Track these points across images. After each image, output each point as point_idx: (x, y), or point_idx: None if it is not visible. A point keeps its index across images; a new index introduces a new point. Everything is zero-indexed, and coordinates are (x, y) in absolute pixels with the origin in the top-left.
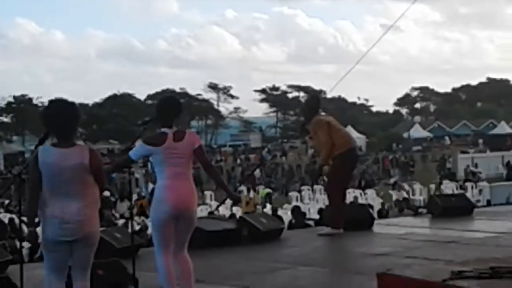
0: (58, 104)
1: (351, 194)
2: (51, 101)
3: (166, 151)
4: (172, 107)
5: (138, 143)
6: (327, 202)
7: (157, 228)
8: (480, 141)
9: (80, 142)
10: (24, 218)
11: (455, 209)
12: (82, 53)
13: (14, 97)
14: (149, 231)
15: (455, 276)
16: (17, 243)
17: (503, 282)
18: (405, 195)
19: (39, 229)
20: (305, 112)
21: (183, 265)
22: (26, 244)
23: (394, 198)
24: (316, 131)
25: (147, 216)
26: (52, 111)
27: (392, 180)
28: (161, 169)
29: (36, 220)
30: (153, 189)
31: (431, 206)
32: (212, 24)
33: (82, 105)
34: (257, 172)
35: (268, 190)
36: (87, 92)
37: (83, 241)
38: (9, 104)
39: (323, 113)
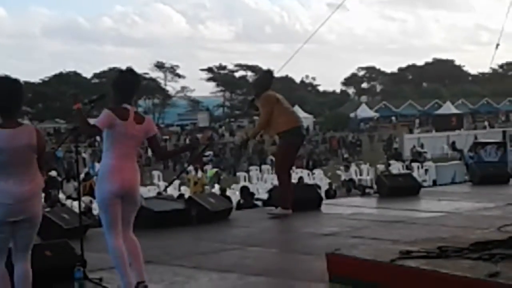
0: (2, 81)
1: (298, 174)
2: None
3: (128, 128)
4: (133, 81)
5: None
6: (275, 182)
7: (104, 208)
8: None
9: (26, 122)
10: None
11: (402, 189)
12: (26, 30)
13: None
14: (96, 211)
15: (403, 255)
16: None
17: (451, 262)
18: (353, 176)
19: None
20: (256, 87)
21: (131, 246)
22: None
23: (342, 178)
24: (263, 107)
25: (94, 197)
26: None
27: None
28: (111, 146)
29: None
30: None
31: (379, 186)
32: (157, 2)
33: (28, 84)
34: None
35: (215, 170)
36: (33, 70)
37: (27, 222)
38: None
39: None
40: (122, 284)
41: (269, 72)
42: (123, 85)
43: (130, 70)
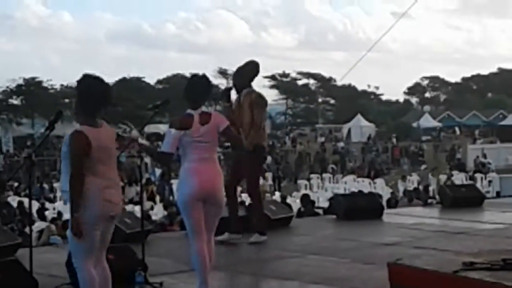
0: (89, 82)
1: (360, 183)
2: (85, 76)
3: (193, 135)
4: (203, 88)
5: (166, 132)
6: (336, 191)
7: (185, 212)
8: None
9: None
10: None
11: (465, 199)
12: (91, 35)
13: (24, 79)
14: (155, 217)
15: (466, 267)
16: (27, 226)
17: None
18: (415, 185)
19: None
20: (243, 77)
21: (209, 253)
22: (35, 228)
23: (403, 188)
24: (259, 106)
25: (155, 202)
26: (89, 88)
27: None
28: (186, 153)
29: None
30: (162, 174)
31: (441, 196)
32: (220, 8)
33: None
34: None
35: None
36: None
37: (114, 219)
38: (19, 86)
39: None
40: None
41: (256, 64)
42: (193, 91)
43: (202, 76)
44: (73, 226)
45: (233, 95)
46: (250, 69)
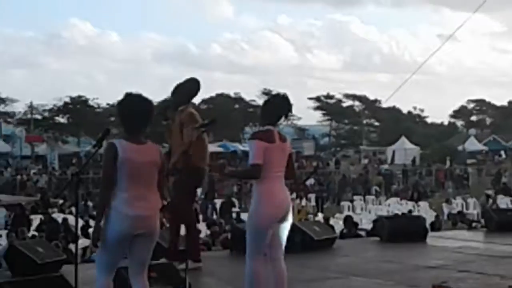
0: (132, 100)
1: (403, 206)
2: (128, 94)
3: (277, 151)
4: (283, 106)
5: (250, 144)
6: (379, 213)
7: (258, 233)
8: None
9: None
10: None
11: (511, 224)
12: (137, 55)
13: (71, 98)
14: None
15: None
16: (72, 244)
17: None
18: (459, 209)
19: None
20: (182, 95)
21: (281, 273)
22: (79, 245)
23: (447, 211)
24: (185, 126)
25: (198, 221)
26: (130, 105)
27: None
28: (267, 170)
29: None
30: (205, 193)
31: (486, 220)
32: (265, 30)
33: None
34: (310, 180)
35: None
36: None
37: (146, 236)
38: (65, 104)
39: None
40: None
41: (197, 81)
42: (275, 109)
43: (283, 95)
44: (94, 233)
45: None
46: (189, 87)
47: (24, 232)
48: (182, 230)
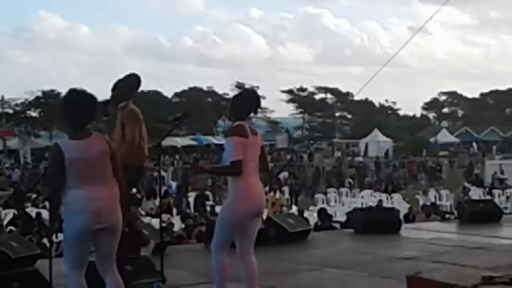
0: (75, 96)
1: (377, 198)
2: (71, 91)
3: (251, 145)
4: (252, 101)
5: (228, 141)
6: (353, 205)
7: (229, 227)
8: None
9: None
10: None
11: (483, 215)
12: (108, 48)
13: (43, 92)
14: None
15: (486, 281)
16: (46, 238)
17: None
18: (432, 200)
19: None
20: (122, 91)
21: (251, 267)
22: (53, 239)
23: (421, 203)
24: (126, 124)
25: (172, 214)
26: (74, 102)
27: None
28: (243, 164)
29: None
30: (178, 187)
31: (459, 211)
32: (237, 22)
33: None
34: (284, 173)
35: None
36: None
37: (107, 230)
38: (37, 98)
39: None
40: None
41: (138, 77)
42: (245, 105)
43: (254, 91)
44: (49, 235)
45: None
46: (129, 82)
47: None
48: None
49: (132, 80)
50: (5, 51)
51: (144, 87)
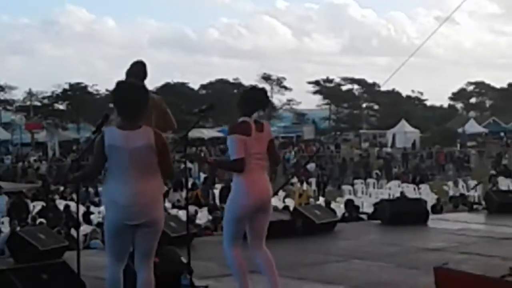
0: (126, 87)
1: (404, 189)
2: (120, 82)
3: (254, 142)
4: (261, 100)
5: (230, 140)
6: (381, 196)
7: (234, 221)
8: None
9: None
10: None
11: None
12: (134, 41)
13: (70, 84)
14: (200, 221)
15: None
16: (74, 230)
17: None
18: (461, 191)
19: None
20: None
21: (266, 258)
22: (81, 231)
23: (450, 193)
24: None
25: (200, 206)
26: (123, 92)
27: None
28: (246, 160)
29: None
30: (205, 179)
31: (487, 202)
32: (263, 14)
33: None
34: (311, 165)
35: None
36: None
37: (147, 226)
38: (64, 91)
39: None
40: None
41: (143, 65)
42: (252, 101)
43: (260, 89)
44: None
45: None
46: (136, 71)
47: (25, 218)
48: None
49: (138, 68)
50: (32, 44)
51: (170, 79)
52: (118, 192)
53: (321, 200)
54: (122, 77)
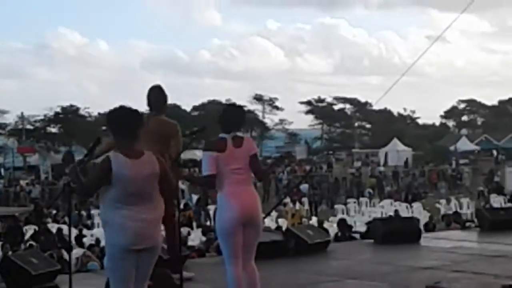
0: (123, 112)
1: (397, 208)
2: (118, 108)
3: (230, 158)
4: (237, 118)
5: (203, 155)
6: (373, 215)
7: (225, 237)
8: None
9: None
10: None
11: (504, 223)
12: (127, 64)
13: (62, 107)
14: (192, 243)
15: None
16: (66, 253)
17: None
18: (454, 209)
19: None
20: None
21: (252, 275)
22: (73, 254)
23: (441, 211)
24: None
25: (192, 227)
26: (121, 117)
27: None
28: (223, 177)
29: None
30: (198, 199)
31: (480, 219)
32: (254, 35)
33: None
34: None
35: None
36: (133, 103)
37: (149, 251)
38: (56, 114)
39: None
40: None
41: (161, 89)
42: (229, 119)
43: (237, 107)
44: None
45: None
46: (154, 96)
47: (20, 242)
48: None
49: (157, 92)
50: (25, 68)
51: None
52: (125, 217)
53: (314, 220)
54: (115, 100)
